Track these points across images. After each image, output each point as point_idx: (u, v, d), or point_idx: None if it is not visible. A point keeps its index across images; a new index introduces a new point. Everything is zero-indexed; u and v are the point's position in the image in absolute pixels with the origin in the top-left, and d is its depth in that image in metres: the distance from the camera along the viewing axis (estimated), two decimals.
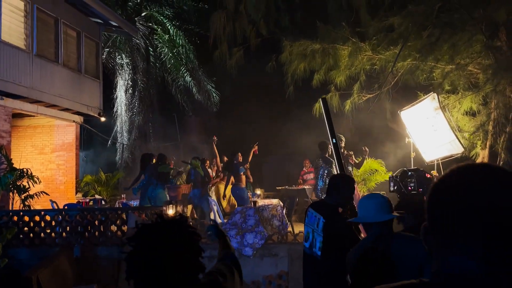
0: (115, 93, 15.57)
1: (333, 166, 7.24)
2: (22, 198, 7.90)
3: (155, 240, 1.29)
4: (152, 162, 8.26)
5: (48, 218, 7.07)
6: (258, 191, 9.23)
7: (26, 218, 6.97)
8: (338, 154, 4.39)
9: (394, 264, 2.13)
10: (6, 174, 7.79)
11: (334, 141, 4.37)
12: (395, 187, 3.88)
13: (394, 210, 2.57)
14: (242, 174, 8.34)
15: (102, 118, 11.59)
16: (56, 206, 8.65)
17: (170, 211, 7.20)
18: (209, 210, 8.07)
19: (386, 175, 9.66)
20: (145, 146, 15.15)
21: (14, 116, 9.48)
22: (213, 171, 9.17)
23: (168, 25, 15.82)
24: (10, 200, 8.14)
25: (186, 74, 15.97)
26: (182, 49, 15.76)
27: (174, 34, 15.69)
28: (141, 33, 15.11)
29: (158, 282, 1.28)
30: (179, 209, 8.09)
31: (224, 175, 8.83)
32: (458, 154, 6.61)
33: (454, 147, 6.54)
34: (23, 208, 7.72)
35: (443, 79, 7.03)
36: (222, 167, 8.91)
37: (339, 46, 7.72)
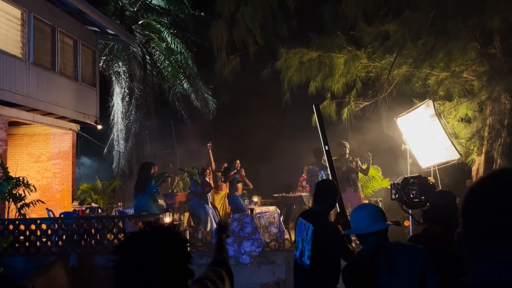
0: (112, 101, 15.56)
1: (328, 171, 7.27)
2: (18, 206, 7.84)
3: (143, 247, 1.30)
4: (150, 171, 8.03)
5: (44, 226, 7.03)
6: (255, 199, 9.23)
7: (22, 227, 6.93)
8: (330, 161, 4.40)
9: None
10: (2, 183, 7.75)
11: (326, 148, 4.38)
12: (397, 195, 3.74)
13: (387, 219, 2.48)
14: (236, 182, 8.37)
15: (99, 126, 11.58)
16: (52, 215, 8.60)
17: (167, 219, 7.18)
18: (205, 217, 8.05)
19: (383, 182, 9.68)
20: (142, 154, 15.13)
21: (10, 124, 9.46)
22: (210, 179, 9.15)
23: (165, 33, 15.89)
24: (6, 208, 8.08)
25: (184, 81, 16.00)
26: (180, 56, 15.81)
27: (172, 41, 15.75)
28: (138, 41, 15.16)
29: None
30: (176, 217, 8.07)
31: (223, 183, 8.82)
32: (455, 161, 6.63)
33: (451, 154, 6.55)
34: (19, 216, 7.67)
35: (438, 86, 7.08)
36: (220, 175, 8.89)
37: (335, 54, 7.77)
